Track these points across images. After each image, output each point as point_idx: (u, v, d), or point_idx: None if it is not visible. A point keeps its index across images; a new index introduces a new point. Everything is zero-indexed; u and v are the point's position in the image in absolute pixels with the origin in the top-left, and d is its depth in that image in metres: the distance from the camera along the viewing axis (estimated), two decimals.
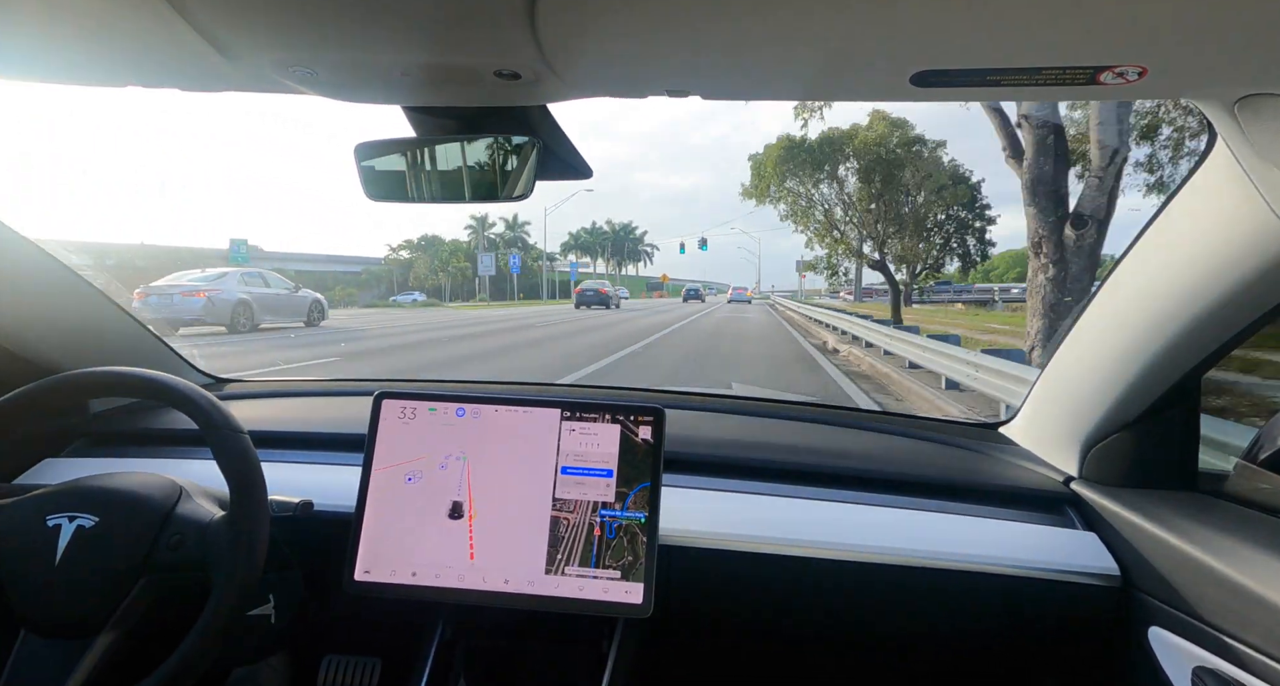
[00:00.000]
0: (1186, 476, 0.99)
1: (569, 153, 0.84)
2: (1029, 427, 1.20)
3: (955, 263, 21.30)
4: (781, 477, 1.11)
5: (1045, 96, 0.64)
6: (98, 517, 0.82)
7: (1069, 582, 0.94)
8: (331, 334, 13.89)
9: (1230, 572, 0.76)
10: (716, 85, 0.65)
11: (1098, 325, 0.99)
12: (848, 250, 19.90)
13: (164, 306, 12.56)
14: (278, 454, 1.14)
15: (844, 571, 0.97)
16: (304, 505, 0.92)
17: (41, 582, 0.79)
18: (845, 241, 19.57)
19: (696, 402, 1.43)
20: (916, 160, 18.39)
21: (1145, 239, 0.87)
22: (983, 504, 1.06)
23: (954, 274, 26.52)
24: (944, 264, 21.36)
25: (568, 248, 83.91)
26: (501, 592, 0.91)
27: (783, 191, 19.00)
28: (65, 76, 0.69)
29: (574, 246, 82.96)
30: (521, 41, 0.56)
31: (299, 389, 1.57)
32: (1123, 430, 0.99)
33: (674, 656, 1.14)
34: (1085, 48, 0.53)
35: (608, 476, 0.93)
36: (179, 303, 12.69)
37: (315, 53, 0.61)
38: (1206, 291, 0.80)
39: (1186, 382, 0.92)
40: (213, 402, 0.84)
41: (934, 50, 0.55)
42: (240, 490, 0.81)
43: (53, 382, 0.86)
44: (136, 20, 0.55)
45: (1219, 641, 0.77)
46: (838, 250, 20.01)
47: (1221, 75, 0.59)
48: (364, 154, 0.82)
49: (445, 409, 0.98)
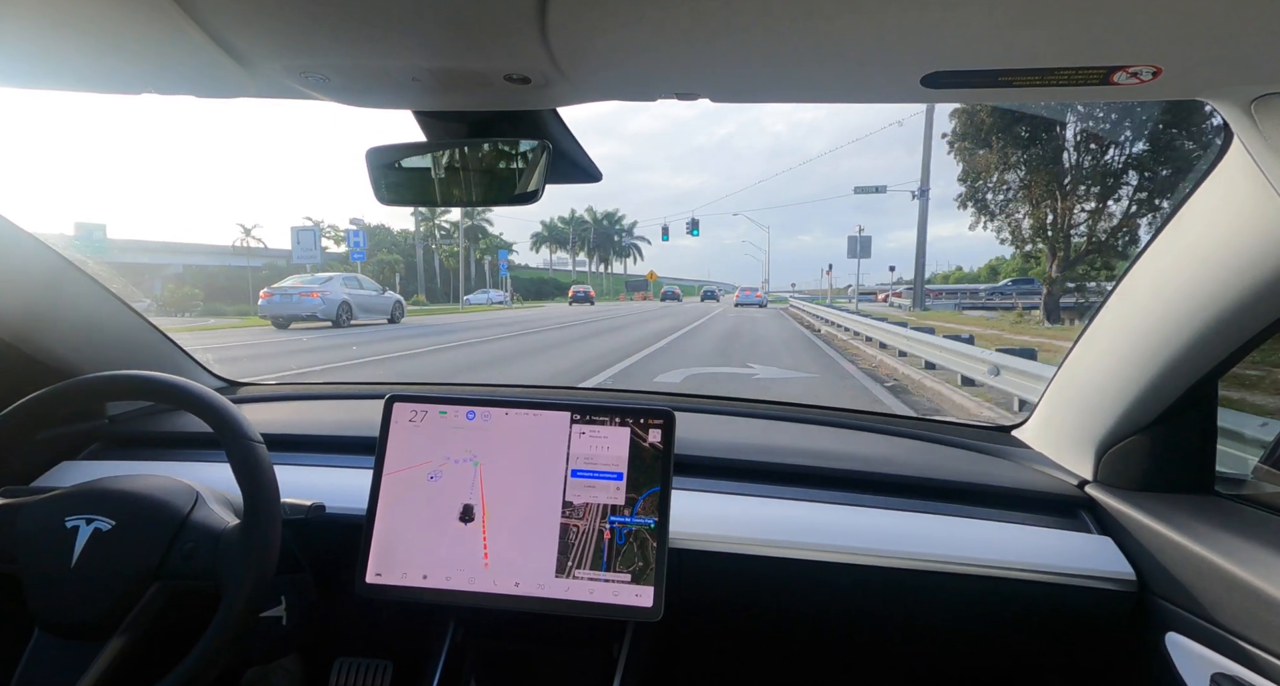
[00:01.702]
0: (1204, 480, 0.98)
1: (578, 155, 0.84)
2: (1043, 430, 1.19)
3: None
4: (793, 481, 1.11)
5: (1057, 97, 0.64)
6: (115, 520, 0.82)
7: (1084, 587, 0.93)
8: (412, 329, 15.79)
9: (1250, 577, 0.75)
10: (726, 88, 0.65)
11: (1112, 327, 0.98)
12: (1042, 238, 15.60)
13: (286, 304, 15.23)
14: (290, 456, 1.15)
15: (855, 575, 0.96)
16: (315, 508, 0.93)
17: (57, 583, 0.80)
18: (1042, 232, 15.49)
19: (707, 405, 1.43)
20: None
21: (1160, 240, 0.87)
22: (996, 507, 1.05)
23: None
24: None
25: (540, 240, 72.23)
26: (512, 595, 0.91)
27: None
28: (83, 85, 0.70)
29: (547, 238, 71.19)
30: (532, 46, 0.56)
31: (311, 392, 1.58)
32: (1138, 433, 0.98)
33: (685, 660, 1.14)
34: (1098, 48, 0.53)
35: (618, 479, 0.93)
36: (298, 301, 15.25)
37: (328, 59, 0.61)
38: (1223, 293, 0.79)
39: (1203, 385, 0.91)
40: (228, 408, 0.85)
41: (945, 51, 0.55)
42: (254, 499, 0.82)
43: (71, 386, 0.87)
44: (154, 30, 0.56)
45: (1238, 647, 0.75)
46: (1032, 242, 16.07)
47: (1238, 74, 0.58)
48: (376, 158, 0.82)
49: (456, 412, 0.98)
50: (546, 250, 75.20)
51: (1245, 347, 0.85)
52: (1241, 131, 0.67)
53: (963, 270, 72.09)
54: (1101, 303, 1.00)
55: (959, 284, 52.89)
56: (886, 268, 20.97)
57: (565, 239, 72.25)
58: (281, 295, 15.51)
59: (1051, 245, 17.53)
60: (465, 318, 22.64)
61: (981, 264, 67.08)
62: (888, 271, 19.85)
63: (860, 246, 25.91)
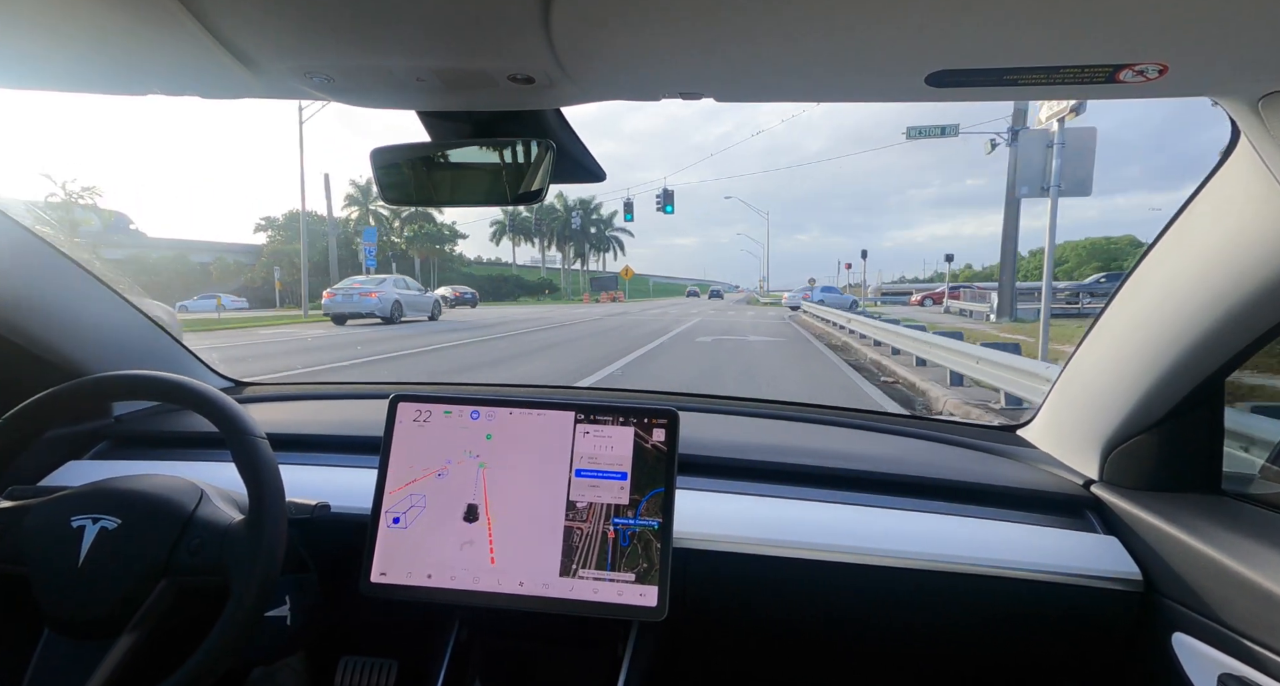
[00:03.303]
0: (1211, 479, 0.97)
1: (582, 155, 0.85)
2: (1048, 430, 1.19)
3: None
4: (797, 480, 1.11)
5: (1063, 96, 0.63)
6: (121, 520, 0.83)
7: (1090, 587, 0.92)
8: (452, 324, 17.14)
9: (1258, 578, 0.74)
10: (729, 87, 0.65)
11: (1118, 326, 0.97)
12: None
13: (348, 303, 17.01)
14: (295, 456, 1.16)
15: (860, 575, 0.96)
16: (320, 507, 0.93)
17: (65, 582, 0.80)
18: None
19: (711, 405, 1.43)
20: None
21: (1167, 238, 0.86)
22: (1001, 507, 1.05)
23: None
24: None
25: (500, 230, 59.75)
26: (517, 595, 0.91)
27: None
28: (89, 86, 0.71)
29: (510, 228, 58.31)
30: (536, 46, 0.56)
31: (316, 392, 1.59)
32: (1144, 432, 0.98)
33: (689, 659, 1.14)
34: (1105, 46, 0.53)
35: (622, 479, 0.93)
36: (358, 300, 17.05)
37: (333, 60, 0.62)
38: (1230, 291, 0.79)
39: (1210, 384, 0.91)
40: (233, 407, 0.85)
41: (949, 50, 0.54)
42: (259, 494, 0.82)
43: (78, 385, 0.87)
44: (159, 32, 0.56)
45: (1246, 648, 0.75)
46: None
47: (1246, 72, 0.58)
48: (380, 158, 0.83)
49: (460, 412, 0.98)
50: (509, 242, 64.59)
51: (1252, 346, 0.84)
52: (1248, 129, 0.67)
53: (972, 268, 69.03)
54: (1108, 301, 0.99)
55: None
56: (880, 269, 15.72)
57: (529, 229, 60.69)
58: (344, 295, 17.16)
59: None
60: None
61: (991, 261, 63.14)
62: (876, 273, 14.25)
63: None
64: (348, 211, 47.61)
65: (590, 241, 68.41)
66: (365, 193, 46.81)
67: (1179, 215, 0.83)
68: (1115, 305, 0.97)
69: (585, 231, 66.20)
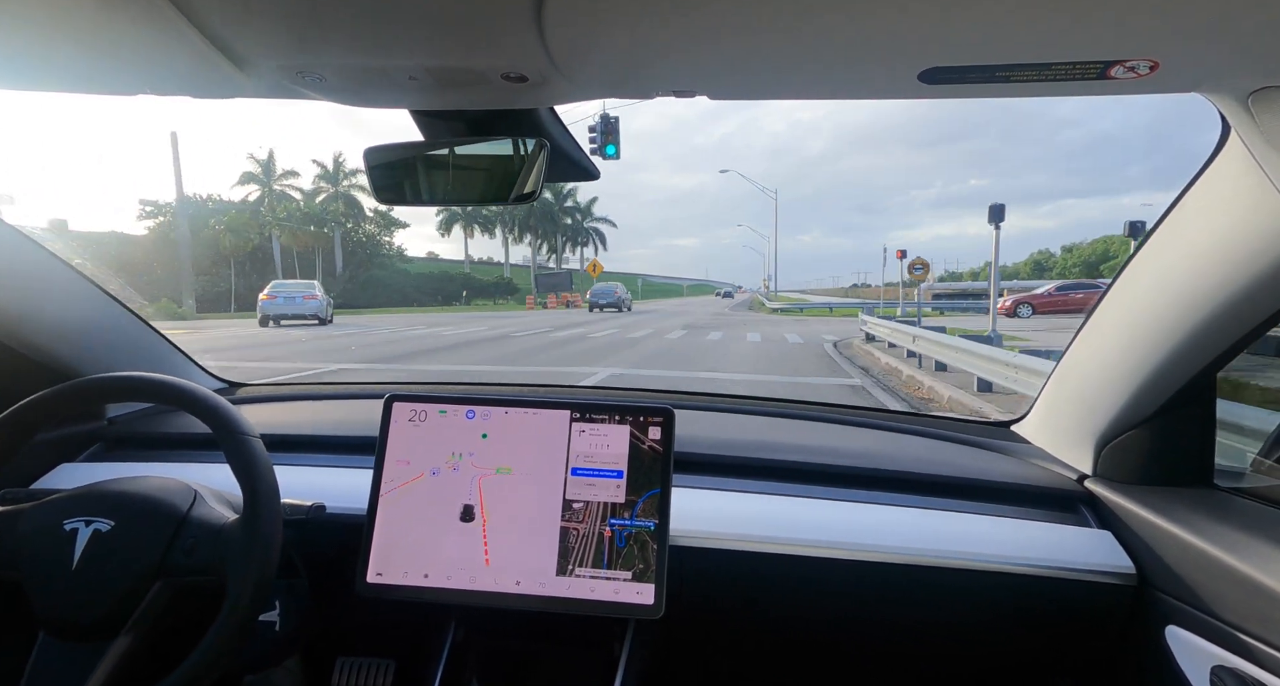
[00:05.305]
0: (1203, 473, 0.98)
1: (576, 153, 0.85)
2: (1042, 425, 1.20)
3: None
4: (793, 477, 1.11)
5: (1055, 92, 0.64)
6: (114, 521, 0.82)
7: (1084, 581, 0.93)
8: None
9: (1249, 570, 0.75)
10: (722, 85, 0.65)
11: (1111, 321, 0.98)
12: None
13: (289, 304, 17.14)
14: (289, 457, 1.15)
15: (856, 571, 0.96)
16: (316, 508, 0.93)
17: (60, 586, 0.80)
18: None
19: (707, 403, 1.43)
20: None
21: (1159, 234, 0.87)
22: (996, 502, 1.06)
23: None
24: None
25: (451, 219, 48.24)
26: (513, 594, 0.91)
27: None
28: (79, 86, 0.70)
29: (461, 217, 47.86)
30: (529, 44, 0.56)
31: (310, 392, 1.58)
32: (1137, 427, 0.98)
33: (686, 658, 1.14)
34: (1096, 42, 0.53)
35: (618, 477, 0.93)
36: (300, 302, 17.42)
37: (325, 59, 0.61)
38: (1221, 286, 0.80)
39: (1202, 379, 0.91)
40: (226, 407, 0.85)
41: (942, 47, 0.55)
42: (253, 494, 0.81)
43: (71, 387, 0.87)
44: (150, 31, 0.56)
45: (1238, 640, 0.76)
46: None
47: (1236, 68, 0.58)
48: (374, 158, 0.83)
49: (455, 411, 0.98)
50: (461, 232, 51.14)
51: (1243, 341, 0.85)
52: (1239, 125, 0.67)
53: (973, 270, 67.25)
54: (1100, 297, 1.00)
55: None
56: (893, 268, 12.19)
57: (489, 220, 48.16)
58: (285, 296, 17.29)
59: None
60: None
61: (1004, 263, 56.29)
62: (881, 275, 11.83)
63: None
64: (245, 190, 39.53)
65: (564, 232, 53.87)
66: (268, 170, 38.80)
67: (1170, 211, 0.84)
68: (1108, 301, 0.98)
69: (556, 220, 51.23)
